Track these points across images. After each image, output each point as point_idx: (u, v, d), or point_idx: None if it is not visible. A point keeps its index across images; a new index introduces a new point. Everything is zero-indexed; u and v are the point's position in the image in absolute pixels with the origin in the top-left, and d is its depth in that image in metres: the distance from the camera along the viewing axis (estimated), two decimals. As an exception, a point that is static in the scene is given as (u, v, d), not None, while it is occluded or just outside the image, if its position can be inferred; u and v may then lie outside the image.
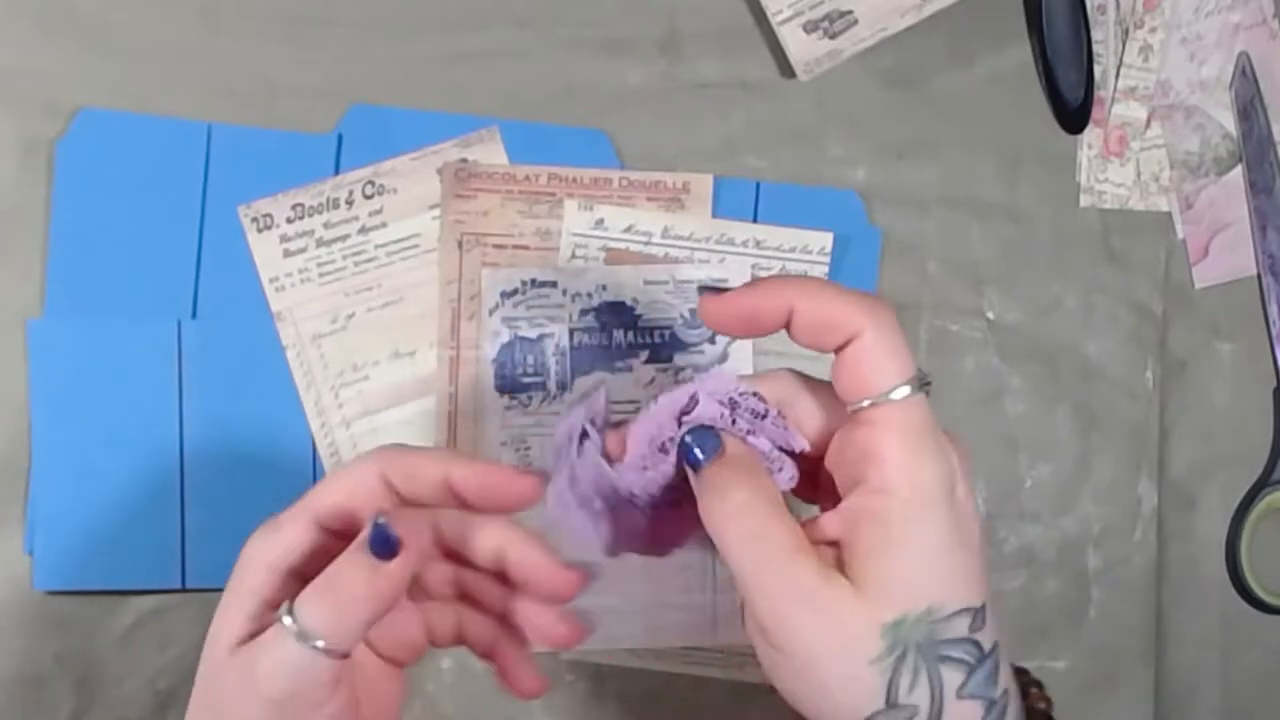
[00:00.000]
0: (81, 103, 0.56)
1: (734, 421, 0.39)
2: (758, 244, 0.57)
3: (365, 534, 0.36)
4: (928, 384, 0.38)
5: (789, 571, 0.37)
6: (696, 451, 0.39)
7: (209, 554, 0.56)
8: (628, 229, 0.57)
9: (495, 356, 0.57)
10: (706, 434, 0.39)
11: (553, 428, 0.57)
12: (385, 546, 0.36)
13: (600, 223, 0.57)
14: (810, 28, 0.56)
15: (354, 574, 0.36)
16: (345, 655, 0.36)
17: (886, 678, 0.36)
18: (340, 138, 0.57)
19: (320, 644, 0.35)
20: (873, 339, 0.37)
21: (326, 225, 0.57)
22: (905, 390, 0.37)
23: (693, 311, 0.57)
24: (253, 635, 0.36)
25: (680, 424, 0.39)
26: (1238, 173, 0.60)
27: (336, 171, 0.57)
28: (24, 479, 0.56)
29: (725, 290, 0.39)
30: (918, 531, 0.37)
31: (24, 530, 0.56)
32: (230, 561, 0.38)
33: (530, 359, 0.57)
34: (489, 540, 0.40)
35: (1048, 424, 0.60)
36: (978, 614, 0.38)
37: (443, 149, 0.57)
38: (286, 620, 0.36)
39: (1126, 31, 0.60)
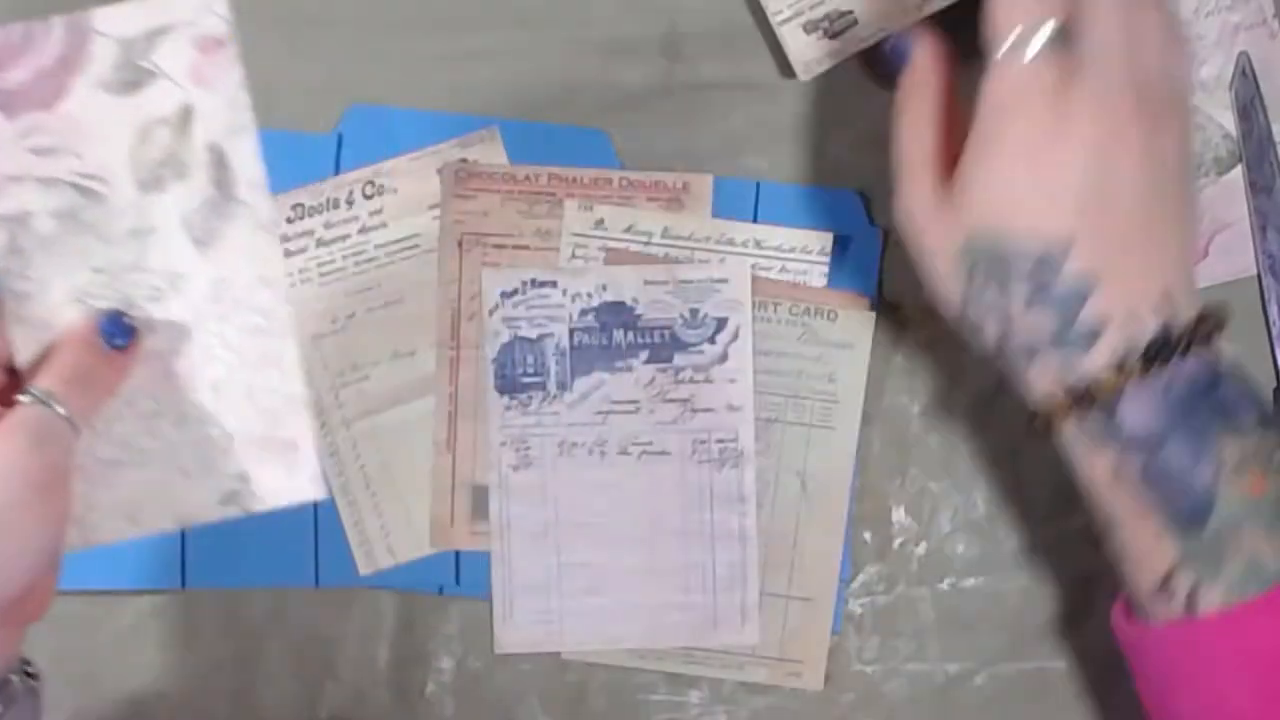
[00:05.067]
0: (81, 103, 0.56)
1: None
2: (758, 244, 0.57)
3: (97, 323, 0.42)
4: (1062, 33, 0.41)
5: (917, 177, 0.45)
6: (904, 48, 0.48)
7: (209, 554, 0.56)
8: (628, 229, 0.57)
9: (495, 356, 0.57)
10: (906, 40, 0.47)
11: (552, 428, 0.57)
12: (122, 334, 0.42)
13: (600, 223, 0.57)
14: (810, 28, 0.56)
15: (93, 361, 0.41)
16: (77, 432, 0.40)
17: (964, 278, 0.45)
18: (340, 138, 0.57)
19: (63, 411, 0.39)
20: None
21: (326, 225, 0.57)
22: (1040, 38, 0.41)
23: (693, 311, 0.57)
24: None
25: None
26: (1238, 173, 0.60)
27: (336, 171, 0.57)
28: (24, 479, 0.56)
29: None
30: (997, 138, 0.42)
31: (24, 530, 0.56)
32: (231, 561, 0.38)
33: (530, 359, 0.57)
34: None
35: (1048, 424, 0.60)
36: (1056, 245, 0.42)
37: (443, 149, 0.57)
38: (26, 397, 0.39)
39: (1126, 31, 0.60)
